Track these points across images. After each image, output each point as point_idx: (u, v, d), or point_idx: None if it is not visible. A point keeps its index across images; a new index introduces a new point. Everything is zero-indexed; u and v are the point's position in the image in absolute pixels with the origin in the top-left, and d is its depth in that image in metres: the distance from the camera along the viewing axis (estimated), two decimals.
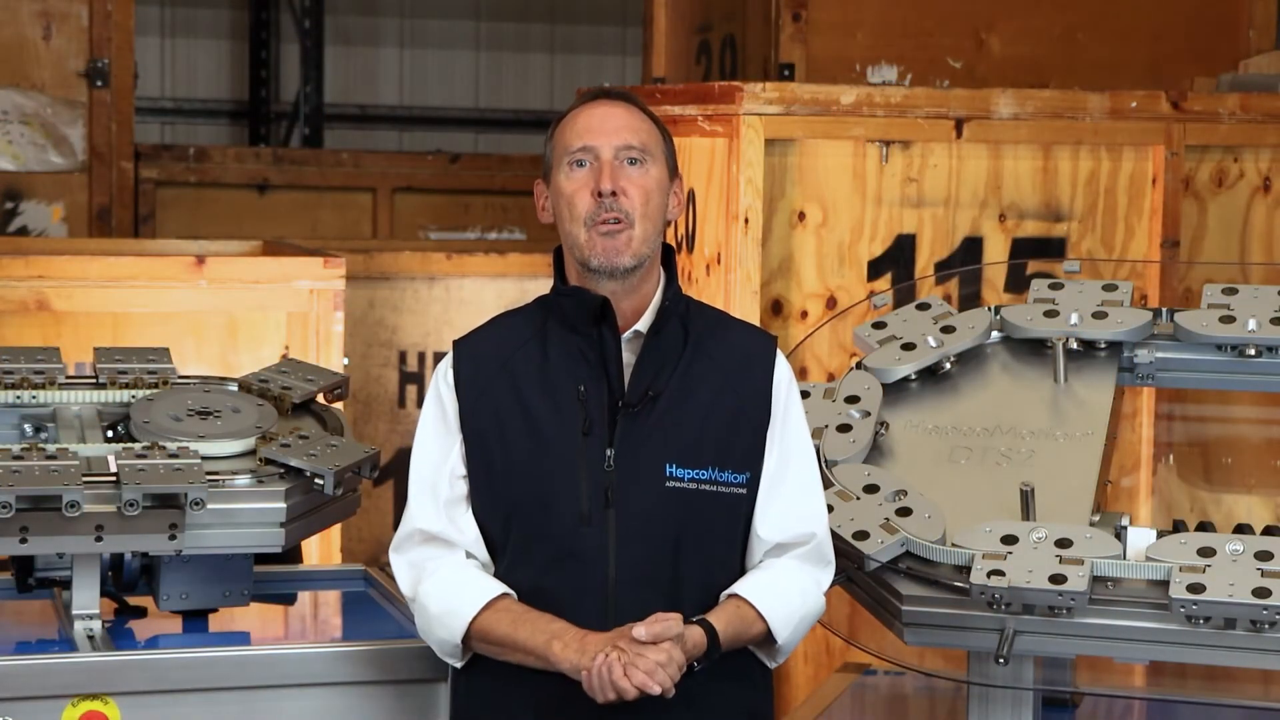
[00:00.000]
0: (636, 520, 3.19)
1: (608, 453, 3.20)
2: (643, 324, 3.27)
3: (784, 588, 3.25)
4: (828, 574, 3.34)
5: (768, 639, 3.25)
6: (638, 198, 3.23)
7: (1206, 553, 3.35)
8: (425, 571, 3.27)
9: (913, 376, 3.91)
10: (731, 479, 3.24)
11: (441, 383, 3.32)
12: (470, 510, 3.27)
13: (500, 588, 3.23)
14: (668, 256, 3.32)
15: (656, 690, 3.03)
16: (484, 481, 3.26)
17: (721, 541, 3.25)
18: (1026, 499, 3.51)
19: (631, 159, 3.25)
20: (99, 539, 3.43)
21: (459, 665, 3.29)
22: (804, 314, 4.82)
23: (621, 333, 3.25)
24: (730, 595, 3.23)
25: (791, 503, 3.29)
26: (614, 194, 3.21)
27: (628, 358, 3.25)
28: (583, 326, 3.24)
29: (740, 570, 3.29)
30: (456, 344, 3.35)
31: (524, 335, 3.30)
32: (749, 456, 3.26)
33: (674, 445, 3.21)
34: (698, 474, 3.22)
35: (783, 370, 3.33)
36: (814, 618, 3.32)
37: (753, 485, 3.26)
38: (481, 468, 3.26)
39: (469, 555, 3.27)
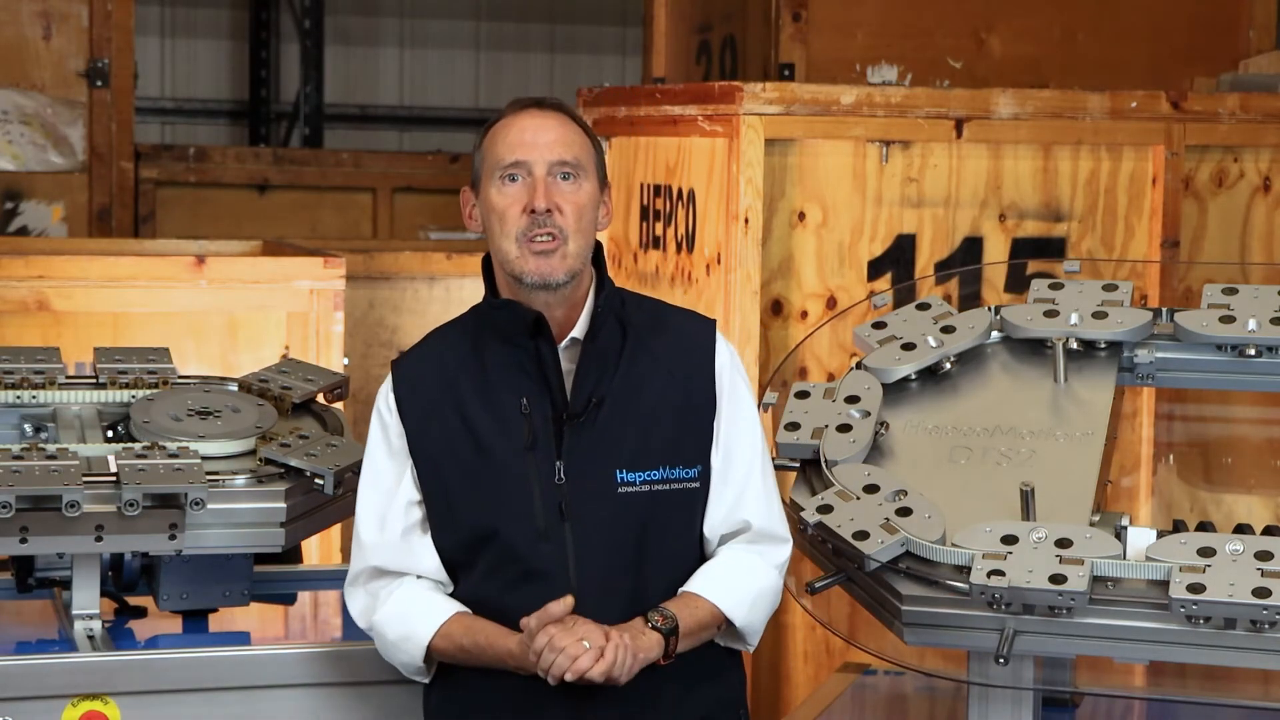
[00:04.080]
0: (593, 531, 3.18)
1: (557, 465, 3.19)
2: (579, 330, 3.24)
3: (727, 570, 3.25)
4: (780, 549, 3.32)
5: (729, 624, 3.24)
6: (571, 214, 3.20)
7: (1206, 553, 3.34)
8: (378, 600, 3.28)
9: (913, 376, 3.90)
10: (684, 475, 3.23)
11: (384, 408, 3.29)
12: (428, 535, 3.26)
13: (454, 607, 3.23)
14: (597, 255, 3.29)
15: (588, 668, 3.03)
16: (439, 504, 3.24)
17: (681, 539, 3.25)
18: (1026, 499, 3.51)
19: (565, 174, 3.21)
20: (99, 539, 3.43)
21: (426, 682, 3.30)
22: (804, 314, 4.82)
23: (558, 341, 3.23)
24: (681, 593, 3.22)
25: (734, 498, 3.28)
26: (548, 211, 3.18)
27: (567, 366, 3.23)
28: (519, 339, 3.21)
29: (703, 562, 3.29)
30: (395, 365, 3.32)
31: (462, 351, 3.27)
32: (699, 449, 3.25)
33: (622, 450, 3.20)
34: (649, 475, 3.21)
35: (724, 355, 3.31)
36: (771, 593, 3.30)
37: (705, 477, 3.26)
38: (436, 491, 3.24)
39: (420, 577, 3.26)
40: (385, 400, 3.29)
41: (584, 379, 3.21)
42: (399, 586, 3.26)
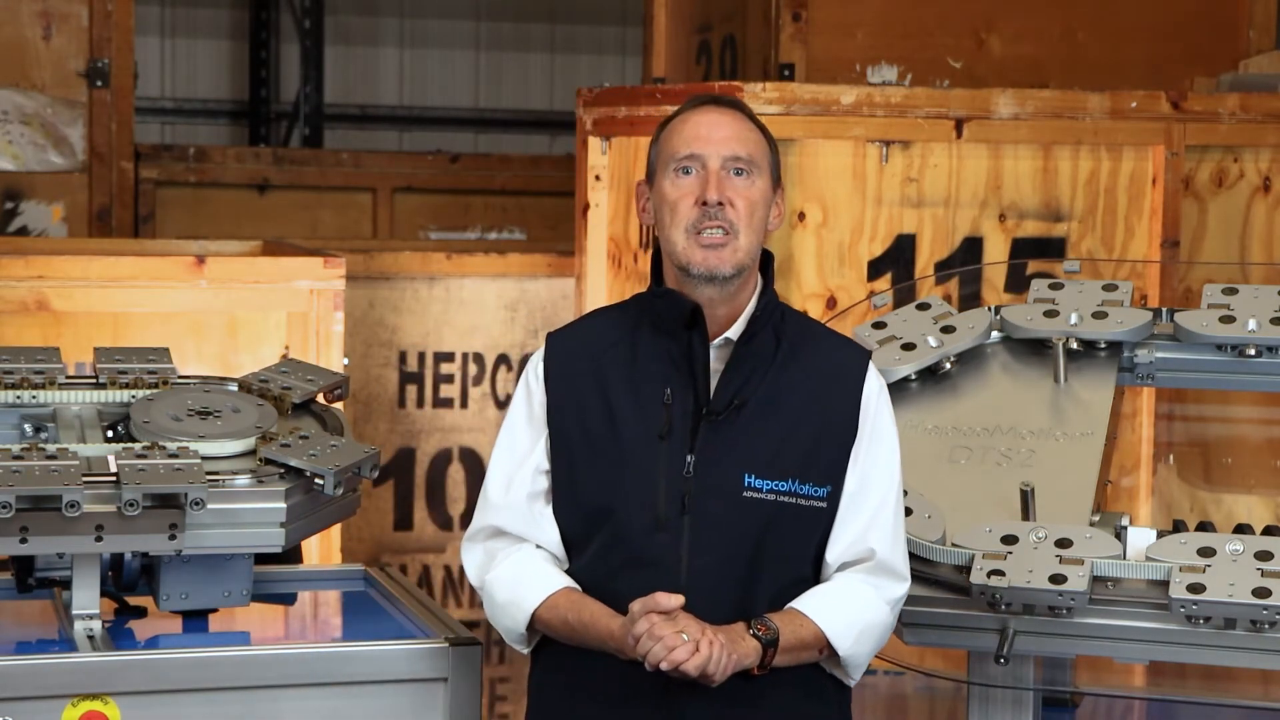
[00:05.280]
0: (711, 528, 3.18)
1: (688, 459, 3.19)
2: (734, 331, 3.25)
3: (840, 596, 3.22)
4: (896, 586, 3.27)
5: (832, 651, 3.22)
6: (743, 209, 3.21)
7: (1206, 553, 3.35)
8: (494, 561, 3.30)
9: (913, 376, 3.91)
10: (812, 492, 3.21)
11: (531, 376, 3.33)
12: (550, 506, 3.28)
13: (563, 580, 3.24)
14: (766, 263, 3.31)
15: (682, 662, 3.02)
16: (565, 479, 3.27)
17: (797, 554, 3.23)
18: (1026, 499, 3.52)
19: (738, 169, 3.23)
20: (99, 539, 3.42)
21: (526, 651, 3.31)
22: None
23: (713, 339, 3.24)
24: (787, 609, 3.21)
25: (862, 526, 3.25)
26: (720, 204, 3.20)
27: (716, 365, 3.24)
28: (674, 330, 3.23)
29: (816, 584, 3.27)
30: (550, 337, 3.36)
31: (617, 333, 3.30)
32: (832, 470, 3.23)
33: (755, 455, 3.19)
34: (777, 485, 3.20)
35: (873, 387, 3.29)
36: (880, 629, 3.26)
37: (834, 500, 3.23)
38: (563, 465, 3.26)
39: (538, 547, 3.29)
40: (534, 368, 3.32)
41: (730, 379, 3.22)
42: (516, 551, 3.28)
